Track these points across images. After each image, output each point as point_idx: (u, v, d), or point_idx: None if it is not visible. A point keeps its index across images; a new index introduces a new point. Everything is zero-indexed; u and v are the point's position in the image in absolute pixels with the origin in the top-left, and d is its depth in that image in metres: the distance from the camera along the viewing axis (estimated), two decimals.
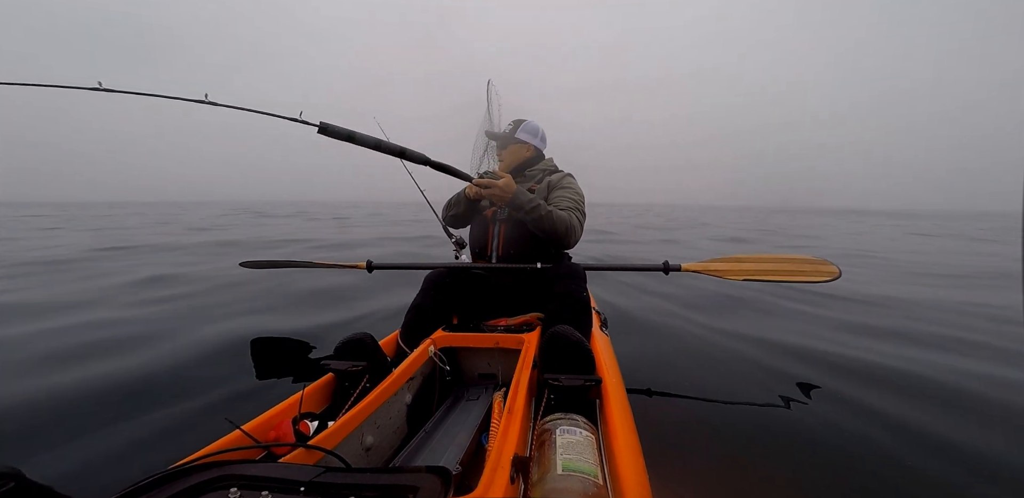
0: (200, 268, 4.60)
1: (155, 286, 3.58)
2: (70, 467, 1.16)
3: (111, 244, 6.95)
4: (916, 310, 2.96)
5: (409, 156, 1.42)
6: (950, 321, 2.68)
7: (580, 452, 0.76)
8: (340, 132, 1.29)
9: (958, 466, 1.18)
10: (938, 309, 3.00)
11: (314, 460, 0.78)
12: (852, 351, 2.08)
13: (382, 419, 1.03)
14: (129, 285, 3.62)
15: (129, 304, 2.98)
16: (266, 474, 0.56)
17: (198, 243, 7.23)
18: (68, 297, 3.16)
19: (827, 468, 1.18)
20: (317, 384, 1.11)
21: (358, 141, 1.33)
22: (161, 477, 0.54)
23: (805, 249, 7.16)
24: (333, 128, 1.28)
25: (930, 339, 2.30)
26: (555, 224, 1.51)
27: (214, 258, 5.45)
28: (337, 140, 1.31)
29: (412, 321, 1.47)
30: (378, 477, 0.55)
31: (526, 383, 1.01)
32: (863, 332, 2.43)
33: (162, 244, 7.10)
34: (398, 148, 1.39)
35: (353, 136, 1.31)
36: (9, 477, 0.51)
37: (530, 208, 1.49)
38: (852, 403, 1.56)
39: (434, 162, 1.47)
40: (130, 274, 4.16)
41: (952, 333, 2.40)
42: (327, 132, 1.28)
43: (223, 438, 0.81)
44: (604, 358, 1.28)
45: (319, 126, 1.27)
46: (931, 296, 3.43)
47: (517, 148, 1.77)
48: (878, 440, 1.31)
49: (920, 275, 4.58)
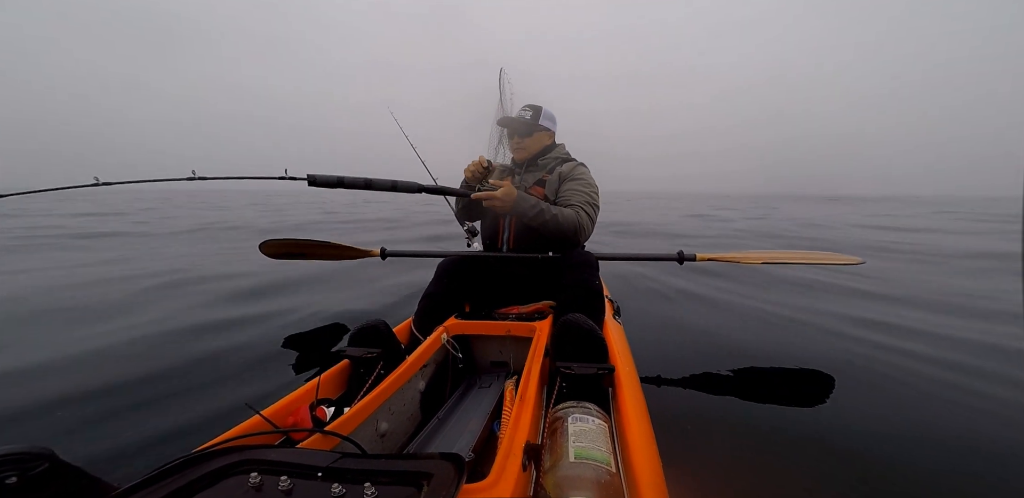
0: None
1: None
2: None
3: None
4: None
5: (401, 188, 1.47)
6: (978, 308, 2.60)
7: (592, 440, 0.76)
8: (329, 180, 1.38)
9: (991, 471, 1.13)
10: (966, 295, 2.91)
11: (331, 446, 0.79)
12: (875, 347, 2.04)
13: (396, 406, 1.04)
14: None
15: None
16: (285, 459, 0.57)
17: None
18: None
19: (846, 467, 1.15)
20: (333, 370, 1.13)
21: (347, 185, 1.40)
22: (185, 461, 0.56)
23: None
24: (322, 178, 1.37)
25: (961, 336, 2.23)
26: (561, 226, 1.50)
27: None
28: (328, 188, 1.40)
29: (425, 309, 1.48)
30: (393, 463, 0.56)
31: (538, 371, 1.02)
32: (887, 327, 2.37)
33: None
34: (389, 183, 1.45)
35: (342, 181, 1.39)
36: (43, 458, 0.53)
37: (534, 214, 1.48)
38: (877, 401, 1.51)
39: (428, 187, 1.53)
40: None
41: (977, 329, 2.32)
42: (316, 183, 1.37)
43: (243, 423, 0.83)
44: (617, 346, 1.28)
45: (308, 179, 1.37)
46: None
47: (541, 136, 1.71)
48: (903, 440, 1.27)
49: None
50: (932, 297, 2.93)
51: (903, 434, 1.28)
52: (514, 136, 1.71)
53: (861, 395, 1.53)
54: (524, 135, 1.69)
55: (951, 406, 1.45)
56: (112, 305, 2.69)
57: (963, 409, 1.43)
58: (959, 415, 1.40)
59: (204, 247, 5.67)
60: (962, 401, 1.48)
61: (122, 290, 3.05)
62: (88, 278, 3.50)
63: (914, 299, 2.89)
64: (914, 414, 1.40)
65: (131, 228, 8.15)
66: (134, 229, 7.97)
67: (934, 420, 1.37)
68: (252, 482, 0.52)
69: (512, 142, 1.72)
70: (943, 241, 6.36)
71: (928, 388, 1.59)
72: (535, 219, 1.49)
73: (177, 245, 5.84)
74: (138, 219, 10.35)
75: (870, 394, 1.54)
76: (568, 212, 1.53)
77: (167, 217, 11.18)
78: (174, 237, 6.84)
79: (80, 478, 0.55)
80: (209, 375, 1.69)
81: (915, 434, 1.28)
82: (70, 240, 6.16)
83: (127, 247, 5.55)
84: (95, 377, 1.64)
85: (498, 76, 2.00)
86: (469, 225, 1.94)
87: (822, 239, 6.91)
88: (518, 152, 1.73)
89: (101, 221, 9.53)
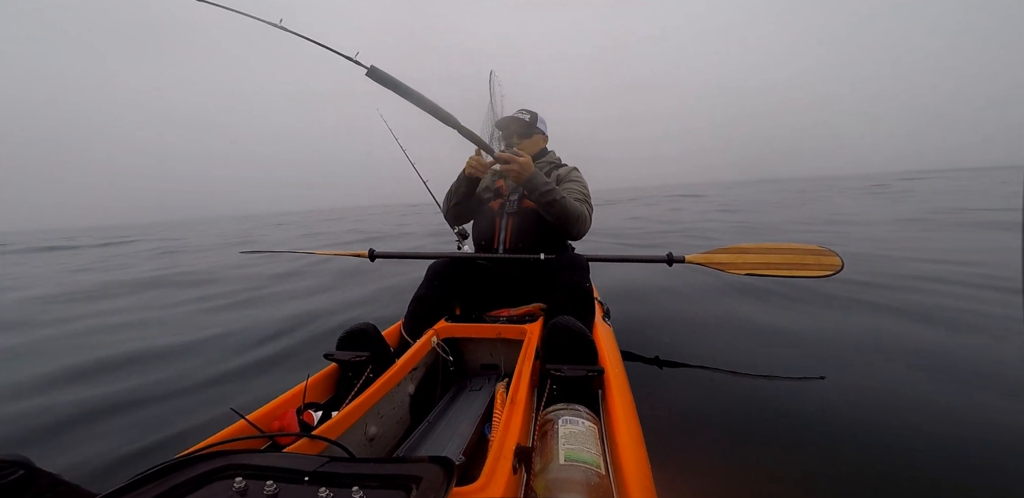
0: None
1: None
2: None
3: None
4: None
5: (440, 115, 1.39)
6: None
7: (583, 442, 0.76)
8: (387, 79, 1.30)
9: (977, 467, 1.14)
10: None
11: (318, 450, 0.78)
12: (865, 341, 2.06)
13: (385, 409, 1.03)
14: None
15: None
16: (271, 464, 0.56)
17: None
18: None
19: (833, 463, 1.17)
20: (321, 374, 1.12)
21: (402, 91, 1.32)
22: (166, 467, 0.55)
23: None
24: (381, 74, 1.29)
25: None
26: (567, 210, 1.49)
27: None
28: (384, 87, 1.31)
29: (415, 311, 1.47)
30: (381, 467, 0.55)
31: (528, 373, 1.02)
32: (877, 319, 2.40)
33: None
34: (432, 105, 1.37)
35: (399, 86, 1.31)
36: (19, 465, 0.52)
37: (546, 190, 1.46)
38: (864, 397, 1.52)
39: (460, 127, 1.43)
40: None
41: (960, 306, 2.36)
42: (374, 76, 1.29)
43: (228, 428, 0.81)
44: (607, 349, 1.28)
45: (368, 68, 1.29)
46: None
47: (538, 139, 1.74)
48: (891, 435, 1.29)
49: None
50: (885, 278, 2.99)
51: (890, 433, 1.30)
52: (512, 137, 1.71)
53: (848, 395, 1.55)
54: (523, 136, 1.71)
55: (937, 406, 1.48)
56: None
57: (944, 407, 1.46)
58: (945, 413, 1.43)
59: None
60: (943, 400, 1.51)
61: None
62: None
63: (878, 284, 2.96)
64: (900, 414, 1.42)
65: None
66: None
67: (921, 420, 1.38)
68: (237, 487, 0.51)
69: (510, 142, 1.74)
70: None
71: (917, 388, 1.62)
72: (546, 195, 1.46)
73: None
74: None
75: (857, 394, 1.56)
76: (574, 201, 1.53)
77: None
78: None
79: (57, 485, 0.54)
80: (190, 379, 1.66)
81: (901, 433, 1.30)
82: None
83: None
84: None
85: (488, 79, 2.01)
86: (459, 228, 1.93)
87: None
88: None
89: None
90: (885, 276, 3.20)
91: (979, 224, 5.72)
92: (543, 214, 1.53)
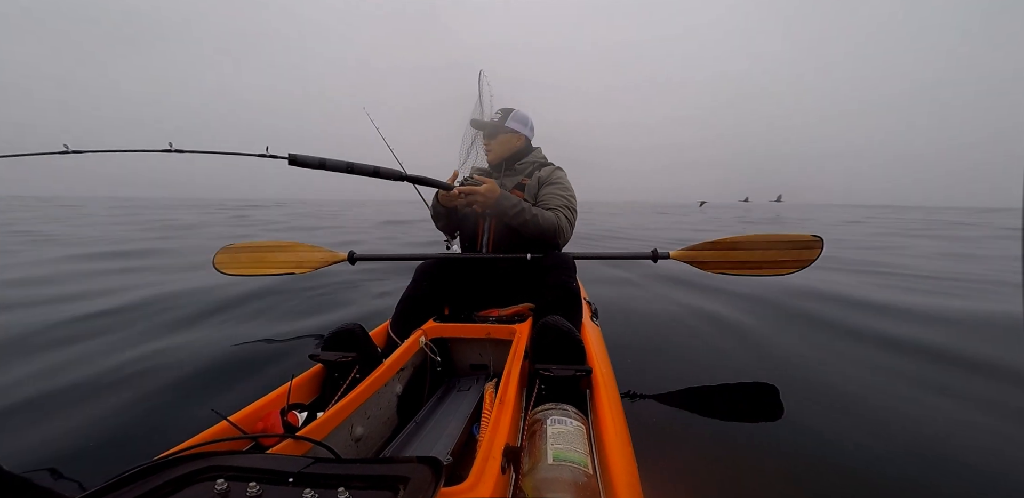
0: None
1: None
2: None
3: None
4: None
5: (383, 174, 1.42)
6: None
7: (571, 442, 0.76)
8: (310, 161, 1.30)
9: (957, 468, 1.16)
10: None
11: (303, 451, 0.77)
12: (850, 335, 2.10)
13: (372, 410, 1.02)
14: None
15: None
16: (254, 465, 0.55)
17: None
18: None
19: (818, 461, 1.18)
20: (306, 375, 1.10)
21: (330, 167, 1.33)
22: (146, 468, 0.53)
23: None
24: (303, 158, 1.29)
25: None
26: (541, 227, 1.51)
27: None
28: (310, 169, 1.31)
29: (403, 312, 1.46)
30: (368, 467, 0.54)
31: (517, 373, 1.01)
32: (861, 315, 2.45)
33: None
34: (371, 168, 1.40)
35: (324, 163, 1.32)
36: None
37: (514, 214, 1.49)
38: (845, 395, 1.56)
39: (409, 176, 1.48)
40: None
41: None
42: (297, 163, 1.29)
43: (209, 429, 0.80)
44: (594, 348, 1.29)
45: (288, 158, 1.29)
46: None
47: (508, 138, 1.71)
48: (874, 433, 1.31)
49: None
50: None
51: (874, 431, 1.32)
52: (486, 138, 1.74)
53: (834, 395, 1.57)
54: (489, 137, 1.72)
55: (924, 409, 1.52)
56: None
57: (916, 406, 1.50)
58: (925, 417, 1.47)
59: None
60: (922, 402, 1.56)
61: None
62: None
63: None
64: (879, 414, 1.45)
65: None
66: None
67: (902, 419, 1.42)
68: (219, 489, 0.50)
69: (484, 144, 1.75)
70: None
71: (901, 389, 1.66)
72: (515, 218, 1.49)
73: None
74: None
75: (842, 393, 1.59)
76: (548, 214, 1.54)
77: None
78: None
79: (26, 489, 0.52)
80: (165, 381, 1.62)
81: (883, 432, 1.33)
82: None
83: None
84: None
85: (477, 78, 2.00)
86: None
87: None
88: (487, 154, 1.75)
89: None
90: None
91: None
92: (520, 232, 1.55)
